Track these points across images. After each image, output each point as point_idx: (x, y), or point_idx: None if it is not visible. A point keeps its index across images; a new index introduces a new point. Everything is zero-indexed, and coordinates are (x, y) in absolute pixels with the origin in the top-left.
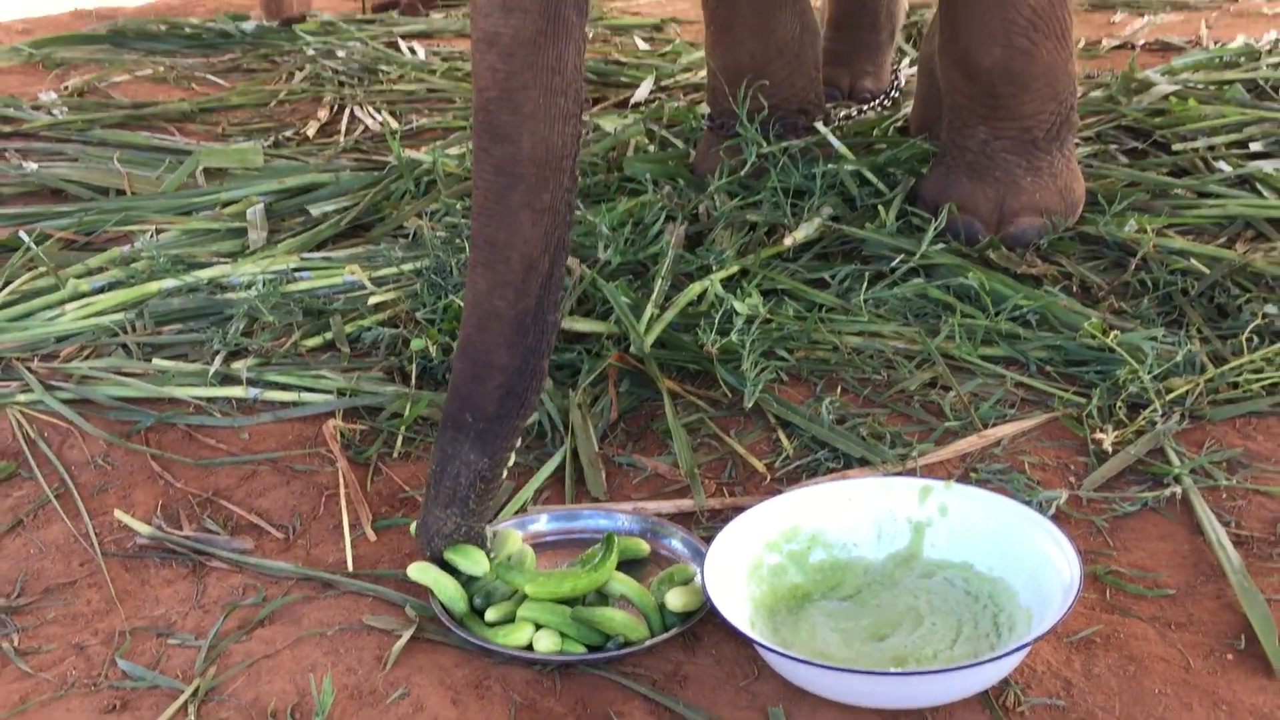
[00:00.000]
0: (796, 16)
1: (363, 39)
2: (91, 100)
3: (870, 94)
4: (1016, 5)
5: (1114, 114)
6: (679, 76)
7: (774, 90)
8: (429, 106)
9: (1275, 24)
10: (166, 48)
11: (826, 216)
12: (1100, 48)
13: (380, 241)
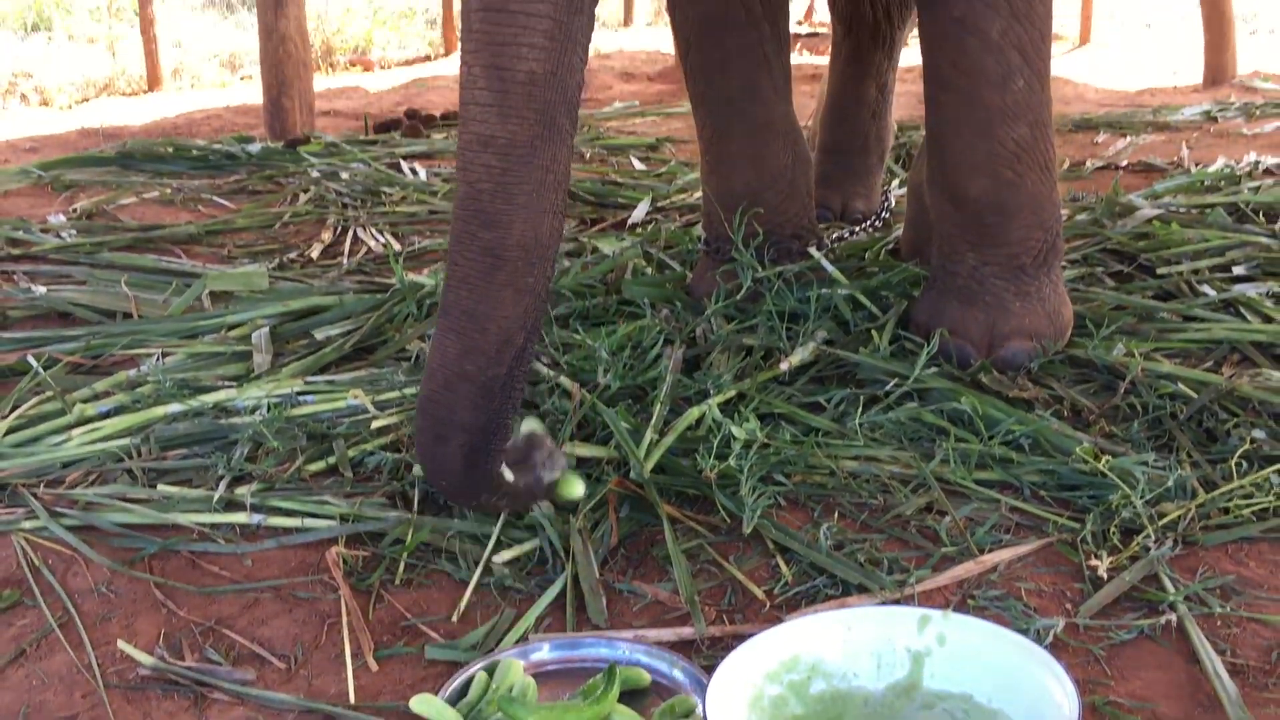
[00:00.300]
0: (789, 146)
1: (365, 160)
2: (100, 223)
3: (862, 215)
4: (1001, 138)
5: (1099, 237)
6: (675, 197)
7: (768, 217)
8: (430, 228)
9: (1254, 145)
10: (173, 169)
11: (821, 340)
12: (1085, 169)
13: (383, 364)
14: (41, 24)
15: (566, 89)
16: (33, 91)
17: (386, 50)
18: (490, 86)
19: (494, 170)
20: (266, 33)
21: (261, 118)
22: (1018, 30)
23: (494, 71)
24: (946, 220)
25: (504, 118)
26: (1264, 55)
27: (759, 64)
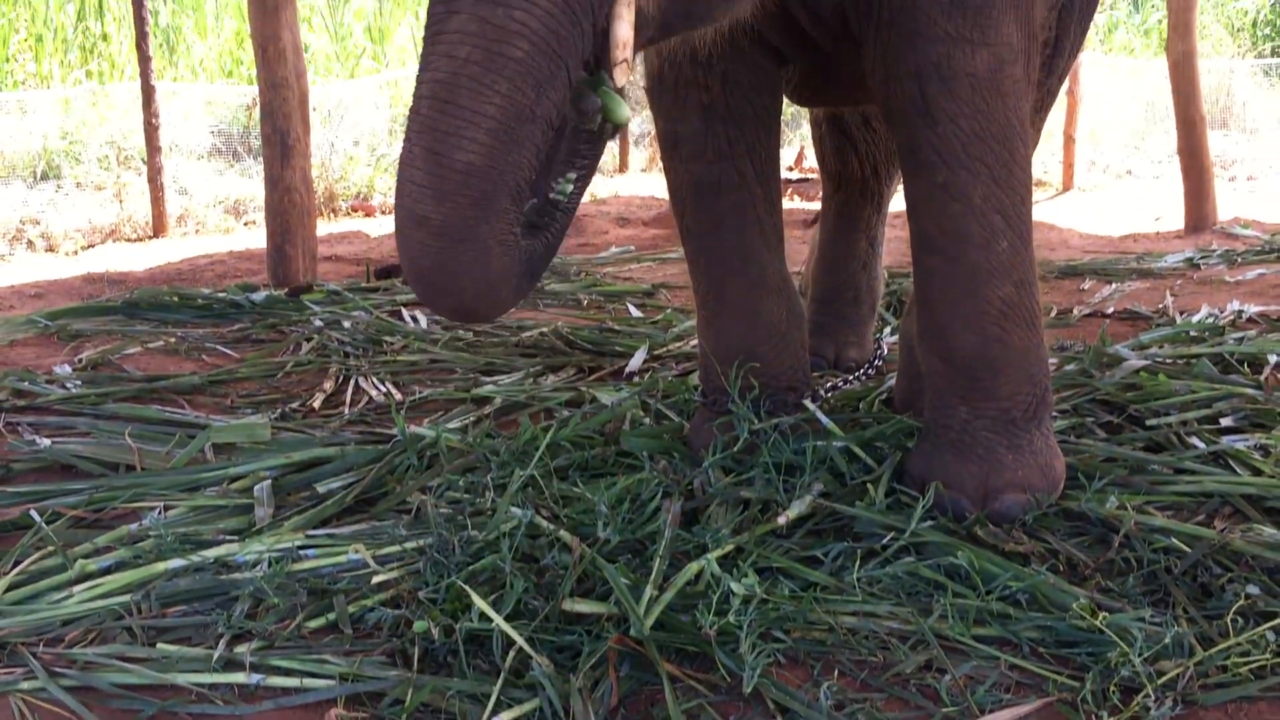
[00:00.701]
0: (783, 302)
1: (367, 308)
2: (105, 373)
3: (855, 363)
4: (987, 297)
5: (1089, 388)
6: (671, 345)
7: (763, 370)
8: (431, 377)
9: (1237, 292)
10: (179, 317)
11: (817, 493)
12: (1072, 316)
13: (384, 517)
14: (51, 172)
15: (506, 182)
16: (39, 238)
17: (388, 196)
18: (427, 169)
19: (429, 249)
20: (272, 183)
21: (265, 263)
22: (999, 195)
23: (432, 156)
24: (937, 375)
25: (439, 199)
26: (1243, 202)
27: (752, 224)
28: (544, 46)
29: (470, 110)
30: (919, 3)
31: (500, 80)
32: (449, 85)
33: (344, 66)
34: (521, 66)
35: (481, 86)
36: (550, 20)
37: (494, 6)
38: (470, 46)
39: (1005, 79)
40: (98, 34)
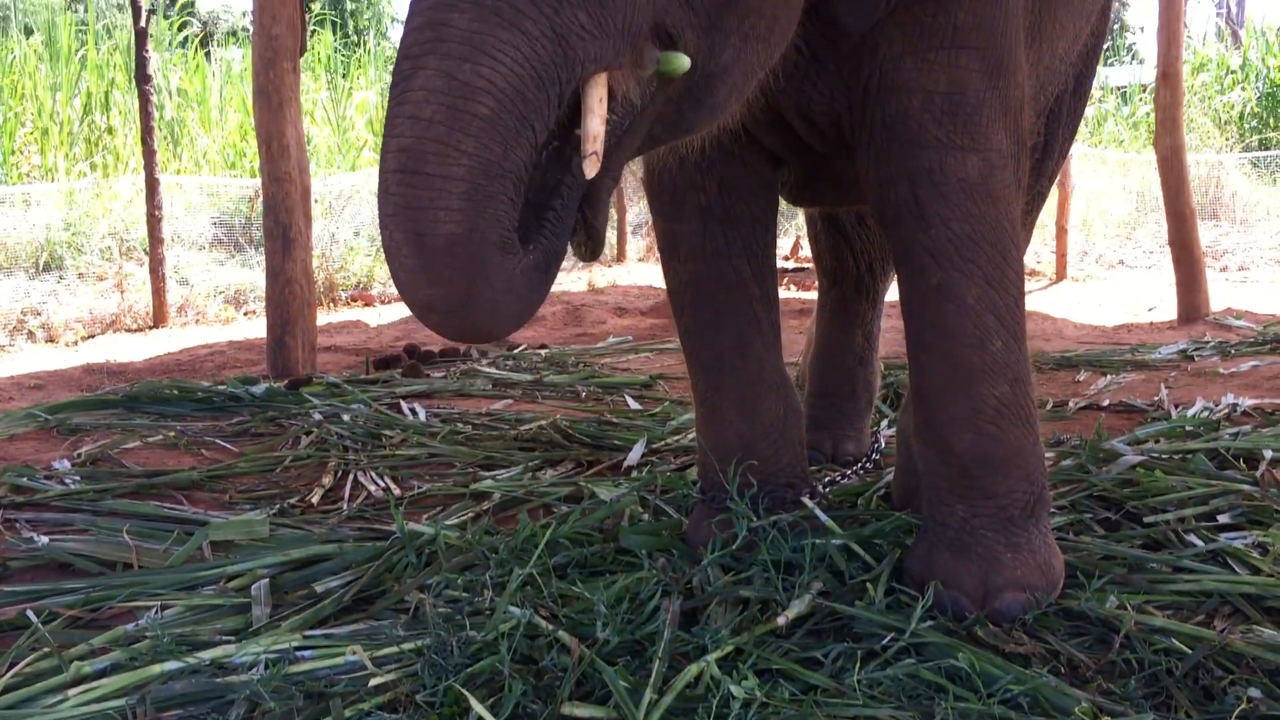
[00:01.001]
0: (781, 399)
1: (366, 401)
2: (104, 469)
3: (853, 457)
4: (983, 395)
5: (1086, 484)
6: (670, 439)
7: (762, 467)
8: (429, 471)
9: (1231, 385)
10: (178, 411)
11: (817, 592)
12: (1068, 409)
13: (382, 616)
14: (53, 263)
15: (490, 238)
16: (40, 328)
17: (387, 285)
18: (412, 252)
19: (435, 320)
20: (273, 275)
21: (264, 354)
22: (993, 296)
23: (415, 238)
24: (934, 473)
25: (432, 282)
26: (1235, 292)
27: (749, 322)
28: (510, 105)
29: (440, 178)
30: (911, 110)
31: (466, 139)
32: (415, 154)
33: (346, 159)
34: (488, 124)
35: (447, 149)
36: (517, 80)
37: (460, 62)
38: (435, 105)
39: (996, 183)
40: (103, 127)
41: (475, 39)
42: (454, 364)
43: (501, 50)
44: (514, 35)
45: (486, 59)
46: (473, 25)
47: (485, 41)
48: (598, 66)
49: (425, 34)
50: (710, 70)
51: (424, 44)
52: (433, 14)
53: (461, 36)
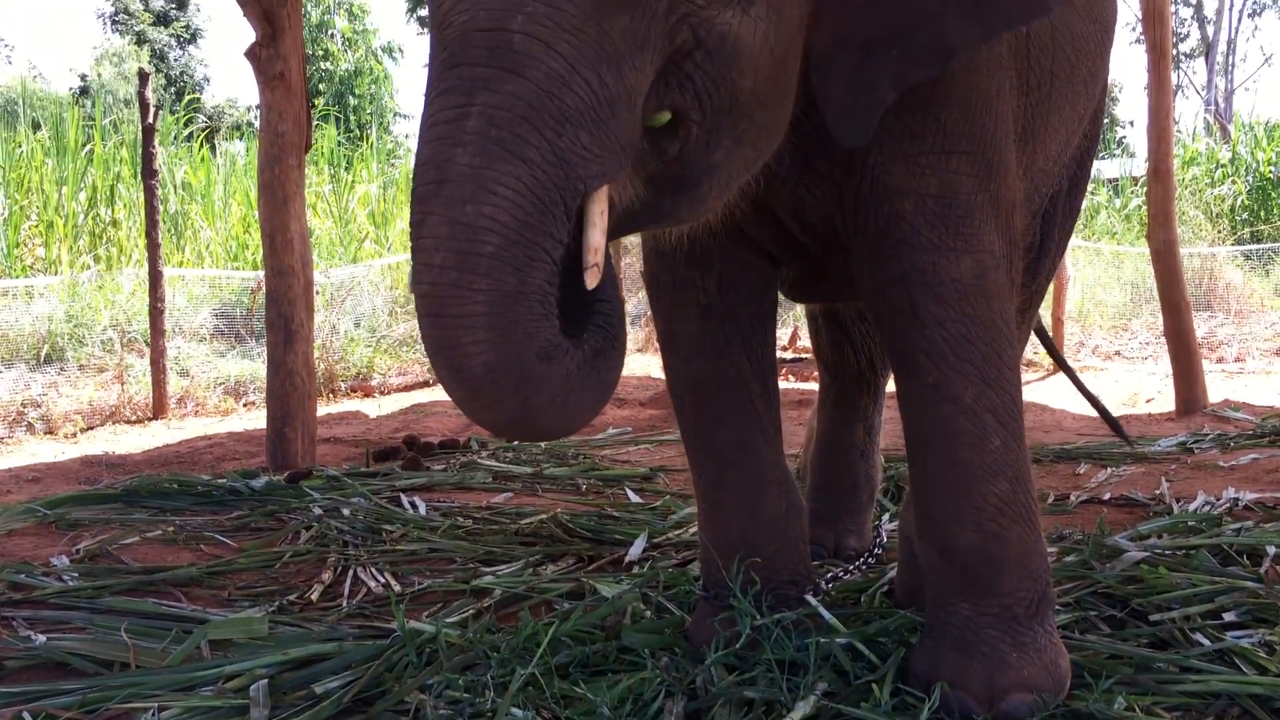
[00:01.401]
0: (782, 495)
1: (365, 494)
2: (103, 565)
3: (855, 552)
4: (983, 494)
5: (1089, 580)
6: (671, 533)
7: (764, 564)
8: (430, 567)
9: (1231, 478)
10: (177, 505)
11: (821, 693)
12: (1070, 503)
13: (382, 718)
14: (54, 354)
15: (527, 356)
16: (39, 420)
17: (387, 376)
18: (459, 385)
19: (510, 433)
20: (274, 367)
21: (264, 445)
22: (990, 395)
23: (455, 373)
24: (937, 572)
25: (486, 406)
26: (1232, 384)
27: (750, 418)
28: (516, 236)
29: (461, 316)
30: (903, 213)
31: (477, 278)
32: (436, 299)
33: (347, 250)
34: (495, 259)
35: (461, 289)
36: (520, 211)
37: (462, 205)
38: (444, 252)
39: (989, 284)
40: (108, 220)
41: (477, 176)
42: (454, 456)
43: (503, 184)
44: (516, 166)
45: (488, 196)
46: (474, 162)
47: (486, 178)
48: (600, 182)
49: (430, 174)
50: (700, 166)
51: (429, 186)
52: (437, 150)
53: (464, 175)
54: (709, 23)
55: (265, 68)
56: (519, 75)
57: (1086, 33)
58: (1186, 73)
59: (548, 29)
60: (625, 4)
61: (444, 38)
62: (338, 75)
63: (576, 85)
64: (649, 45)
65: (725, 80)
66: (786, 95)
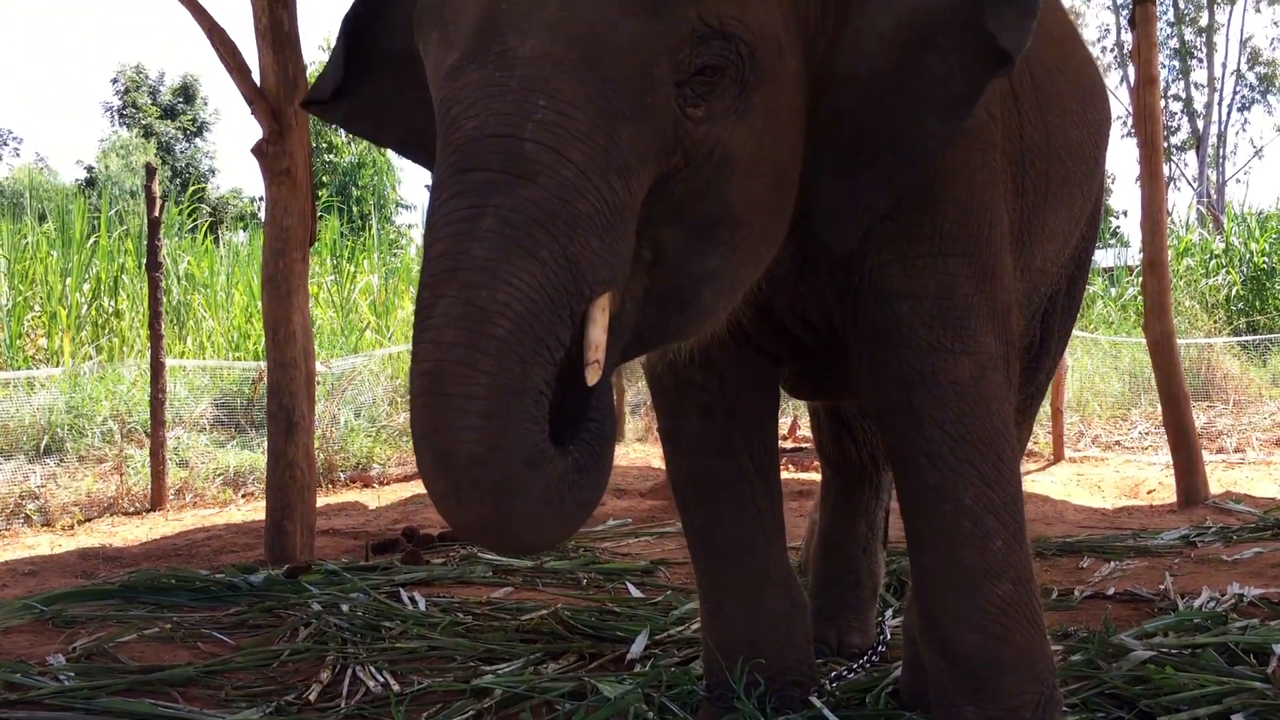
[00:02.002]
0: (785, 594)
1: (365, 589)
2: (100, 663)
3: (858, 649)
4: (986, 595)
5: (1096, 680)
6: (673, 630)
7: (768, 665)
8: (429, 665)
9: (1235, 573)
10: (175, 601)
11: None
12: (1074, 598)
13: None
14: (54, 445)
15: (513, 459)
16: (37, 513)
17: (387, 466)
18: (440, 475)
19: (478, 539)
20: (275, 458)
21: (262, 538)
22: (990, 495)
23: (440, 459)
24: (942, 674)
25: (463, 504)
26: (1233, 475)
27: (752, 518)
28: (525, 326)
29: (460, 397)
30: (902, 315)
31: (484, 359)
32: (436, 377)
33: (348, 340)
34: (505, 344)
35: (465, 369)
36: (531, 304)
37: (477, 289)
38: (455, 329)
39: (987, 384)
40: (110, 311)
41: (492, 266)
42: (453, 549)
43: (517, 277)
44: (529, 263)
45: (503, 285)
46: (490, 254)
47: (502, 268)
48: (607, 287)
49: (445, 263)
50: (697, 274)
51: (443, 273)
52: (453, 243)
53: (479, 264)
54: (698, 140)
55: (272, 164)
56: (532, 181)
57: (1080, 138)
58: (1178, 164)
59: (558, 137)
60: (632, 115)
61: (453, 141)
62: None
63: (588, 192)
64: (649, 158)
65: (713, 190)
66: (787, 201)
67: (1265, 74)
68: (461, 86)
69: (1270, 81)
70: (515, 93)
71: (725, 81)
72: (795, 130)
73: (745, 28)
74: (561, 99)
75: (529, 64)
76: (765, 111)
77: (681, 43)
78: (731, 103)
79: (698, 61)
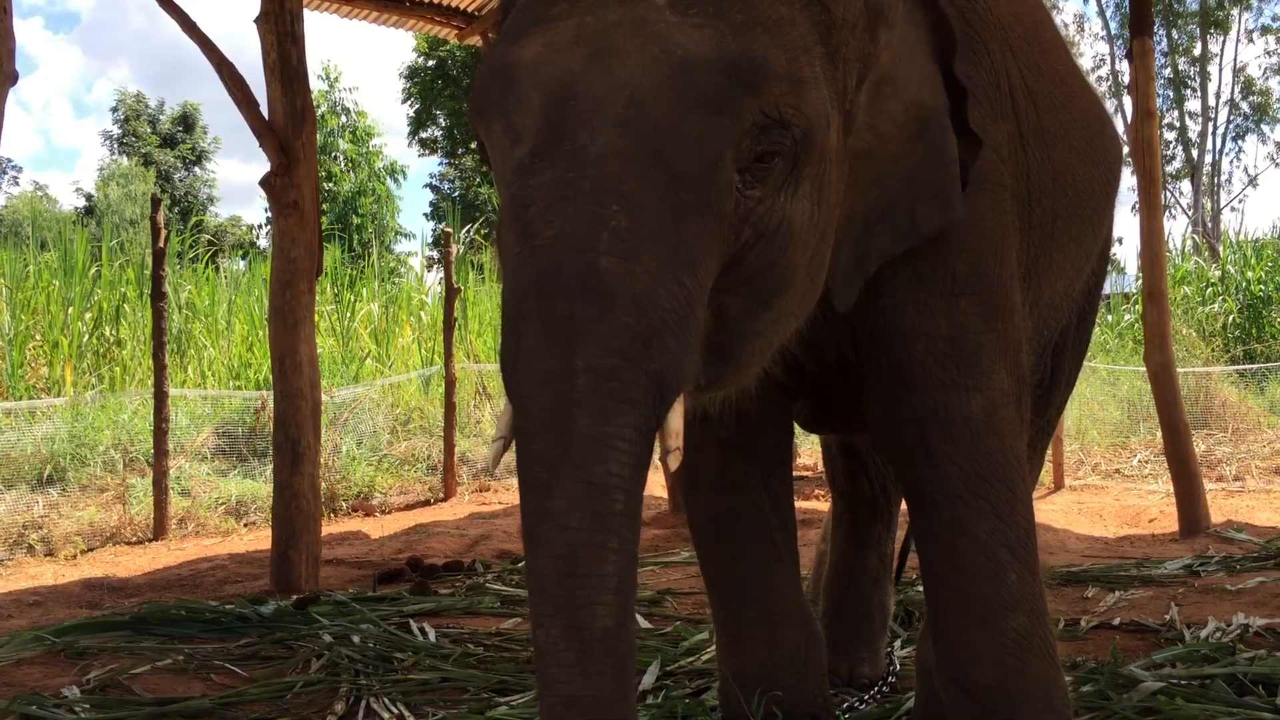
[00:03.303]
0: (801, 627)
1: (375, 620)
2: (114, 695)
3: (868, 680)
4: (1001, 628)
5: (1107, 711)
6: (683, 661)
7: (785, 698)
8: (442, 697)
9: (1240, 603)
10: (185, 632)
11: None
12: (1080, 628)
13: None
14: (56, 475)
15: (627, 641)
16: (40, 542)
17: (389, 495)
18: (570, 646)
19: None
20: (280, 489)
21: (266, 567)
22: (1004, 530)
23: (574, 631)
24: (958, 707)
25: (586, 676)
26: (1233, 503)
27: (768, 552)
28: (634, 489)
29: (597, 575)
30: (915, 354)
31: (611, 537)
32: (569, 559)
33: (349, 369)
34: (625, 517)
35: (597, 549)
36: (635, 457)
37: (592, 466)
38: (580, 513)
39: (1000, 421)
40: (112, 340)
41: (601, 435)
42: (459, 578)
43: (623, 438)
44: (630, 414)
45: (614, 454)
46: (594, 422)
47: (609, 434)
48: (689, 383)
49: (552, 437)
50: (748, 335)
51: (552, 448)
52: (554, 411)
53: (588, 436)
54: (768, 214)
55: (279, 196)
56: (610, 309)
57: (1089, 175)
58: (1173, 193)
59: (630, 244)
60: (698, 209)
61: (531, 249)
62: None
63: (661, 297)
64: (716, 247)
65: (781, 261)
66: (823, 266)
67: (1259, 103)
68: (535, 186)
69: (1264, 110)
70: (589, 195)
71: (780, 162)
72: (836, 200)
73: (801, 115)
74: (633, 201)
75: (599, 163)
76: (814, 183)
77: (744, 135)
78: (784, 179)
79: (757, 149)
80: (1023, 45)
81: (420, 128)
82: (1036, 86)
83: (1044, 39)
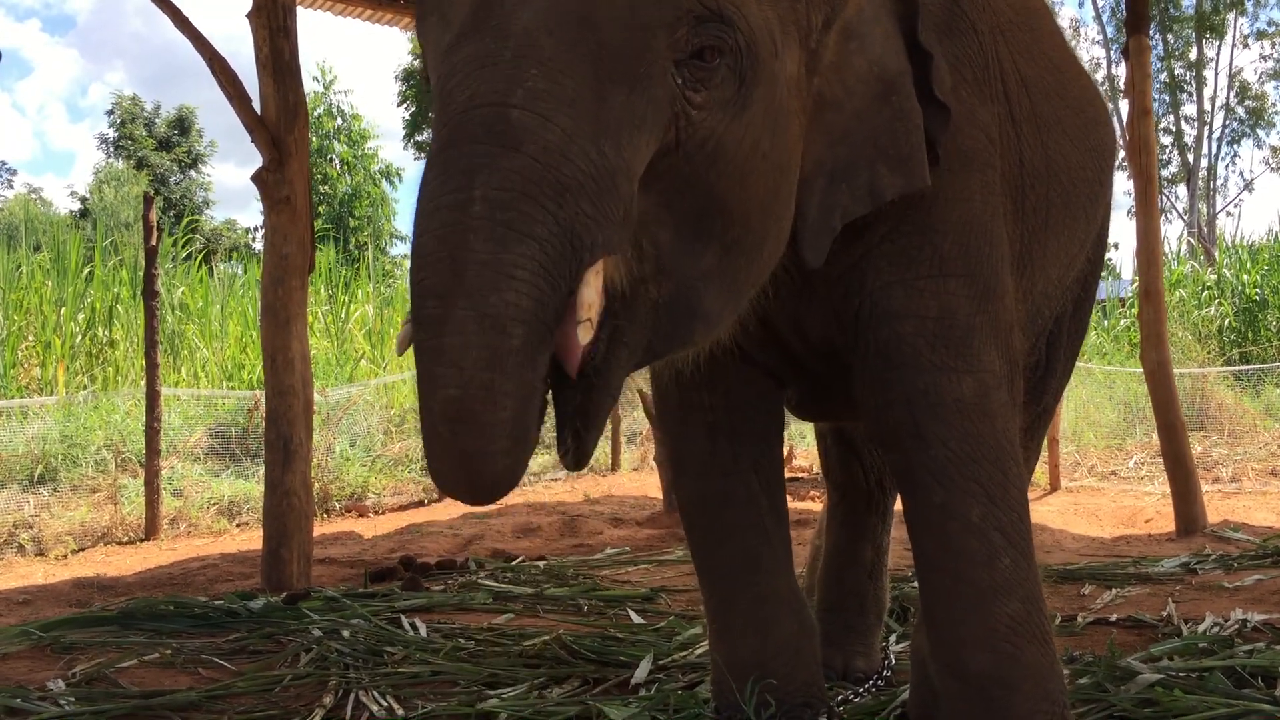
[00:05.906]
0: (793, 614)
1: (365, 615)
2: (100, 688)
3: (863, 673)
4: (995, 614)
5: (1104, 703)
6: (677, 655)
7: (777, 686)
8: (433, 690)
9: (1237, 600)
10: (174, 627)
11: None
12: (1077, 624)
13: None
14: (47, 474)
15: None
16: (30, 542)
17: (381, 496)
18: (469, 491)
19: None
20: (272, 487)
21: (258, 566)
22: (997, 513)
23: (472, 479)
24: (953, 695)
25: (474, 499)
26: (1230, 503)
27: (759, 538)
28: (535, 322)
29: (492, 424)
30: (904, 336)
31: (507, 380)
32: (464, 404)
33: (343, 370)
34: (520, 354)
35: (494, 394)
36: (536, 292)
37: (485, 295)
38: (476, 350)
39: (991, 403)
40: (105, 340)
41: (494, 262)
42: (452, 576)
43: (520, 268)
44: (528, 246)
45: (508, 282)
46: (489, 247)
47: (504, 263)
48: (603, 251)
49: (445, 264)
50: (694, 274)
51: (447, 276)
52: (447, 238)
53: (482, 263)
54: (695, 123)
55: (271, 191)
56: (517, 150)
57: (1082, 161)
58: (1169, 197)
59: (546, 103)
60: (626, 81)
61: (446, 115)
62: (337, 198)
63: (575, 156)
64: (644, 127)
65: (702, 182)
66: (785, 206)
67: (1254, 107)
68: (457, 60)
69: (1259, 115)
70: (508, 62)
71: (723, 70)
72: (794, 136)
73: (742, 17)
74: (553, 66)
75: (524, 34)
76: (764, 111)
77: (678, 20)
78: (731, 95)
79: (695, 42)
80: (1015, 31)
81: (416, 130)
82: (1029, 72)
83: (1038, 26)
